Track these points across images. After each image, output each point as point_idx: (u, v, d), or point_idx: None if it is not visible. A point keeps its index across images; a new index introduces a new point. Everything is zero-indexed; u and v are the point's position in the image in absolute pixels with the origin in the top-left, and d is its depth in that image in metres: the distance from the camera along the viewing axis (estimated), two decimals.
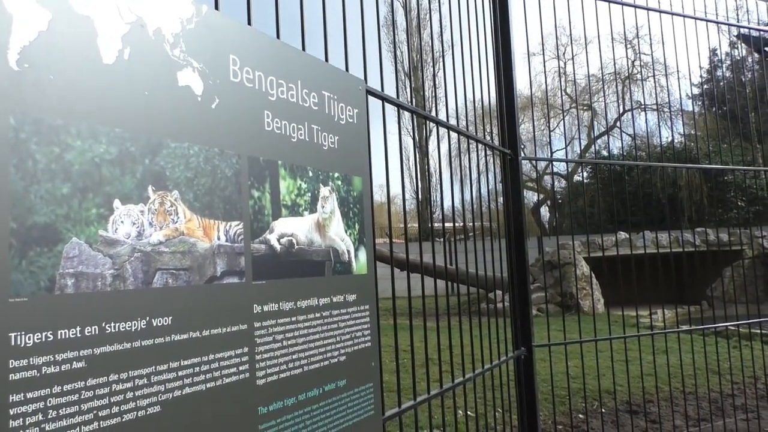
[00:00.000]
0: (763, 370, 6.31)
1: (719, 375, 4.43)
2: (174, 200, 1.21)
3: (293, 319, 1.48)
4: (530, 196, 29.29)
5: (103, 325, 1.04)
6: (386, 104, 2.19)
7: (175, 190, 1.21)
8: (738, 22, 4.35)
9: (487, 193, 3.10)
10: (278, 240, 1.46)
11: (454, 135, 2.73)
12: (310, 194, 1.60)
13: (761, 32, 4.31)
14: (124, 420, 1.05)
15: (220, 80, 1.35)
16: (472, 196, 2.93)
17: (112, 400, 1.04)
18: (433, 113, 2.61)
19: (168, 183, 1.20)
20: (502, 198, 3.19)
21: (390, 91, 2.15)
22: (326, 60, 1.79)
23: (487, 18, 3.12)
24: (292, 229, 1.52)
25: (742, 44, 4.45)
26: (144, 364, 1.10)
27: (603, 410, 5.66)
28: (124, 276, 1.09)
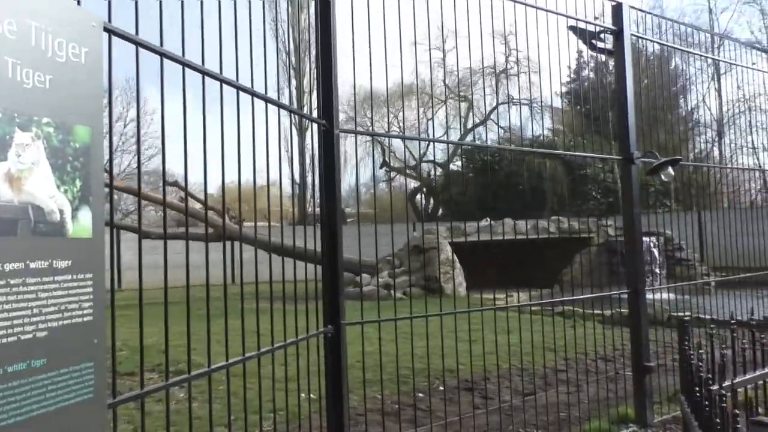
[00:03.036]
0: (585, 347, 6.74)
1: (545, 351, 4.64)
2: None
3: None
4: (407, 183, 29.94)
5: None
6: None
7: None
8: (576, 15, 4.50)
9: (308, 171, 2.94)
10: None
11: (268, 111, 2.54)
12: None
13: (587, 24, 4.52)
14: None
15: None
16: (280, 170, 2.75)
17: None
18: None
19: None
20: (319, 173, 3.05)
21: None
22: None
23: None
24: None
25: (573, 35, 4.64)
26: None
27: (441, 388, 5.78)
28: None
